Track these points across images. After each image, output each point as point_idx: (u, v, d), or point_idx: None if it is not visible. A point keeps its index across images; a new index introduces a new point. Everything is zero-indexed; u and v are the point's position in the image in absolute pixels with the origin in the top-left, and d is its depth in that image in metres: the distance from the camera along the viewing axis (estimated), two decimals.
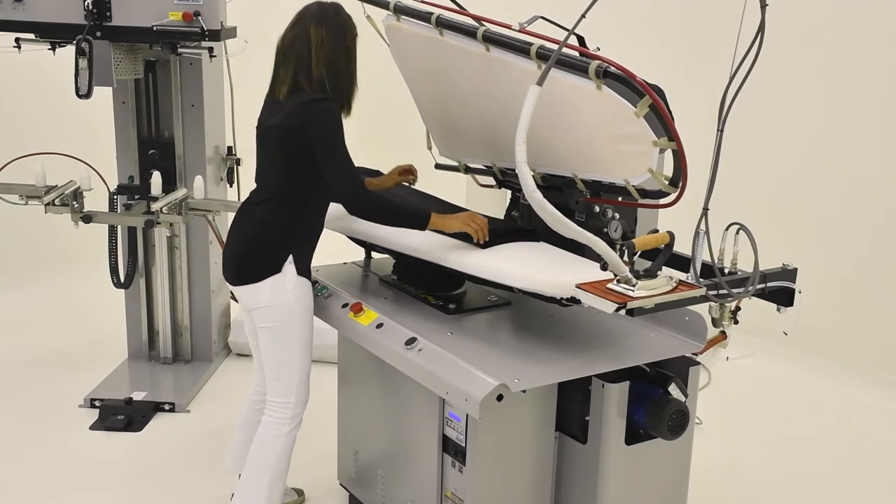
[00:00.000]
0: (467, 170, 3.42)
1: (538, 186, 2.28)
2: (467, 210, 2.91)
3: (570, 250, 2.75)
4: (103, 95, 4.08)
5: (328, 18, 2.76)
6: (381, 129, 6.43)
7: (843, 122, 4.72)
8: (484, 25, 2.79)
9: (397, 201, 2.85)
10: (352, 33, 2.79)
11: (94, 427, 3.97)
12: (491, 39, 2.73)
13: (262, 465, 2.91)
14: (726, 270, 2.53)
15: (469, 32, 2.80)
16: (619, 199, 2.77)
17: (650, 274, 2.30)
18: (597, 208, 2.83)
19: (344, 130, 2.73)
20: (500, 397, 2.34)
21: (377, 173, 3.22)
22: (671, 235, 2.46)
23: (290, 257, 2.79)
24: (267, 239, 2.81)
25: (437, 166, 3.52)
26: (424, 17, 2.93)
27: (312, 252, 2.89)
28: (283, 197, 2.81)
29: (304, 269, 2.83)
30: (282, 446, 2.91)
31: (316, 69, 2.73)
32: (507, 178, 3.24)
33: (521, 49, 2.62)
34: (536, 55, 2.57)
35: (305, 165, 2.74)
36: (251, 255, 2.83)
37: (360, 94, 2.86)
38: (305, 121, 2.69)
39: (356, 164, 2.77)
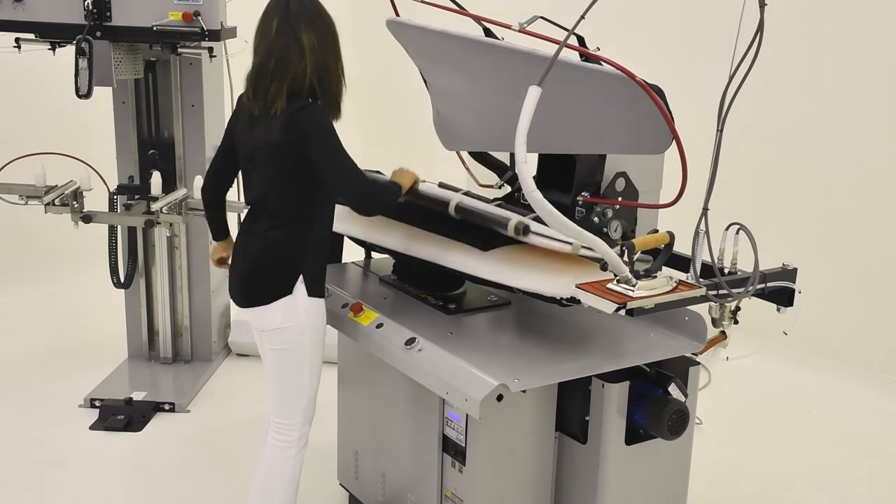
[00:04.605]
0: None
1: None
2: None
3: None
4: (103, 95, 4.08)
5: (314, 19, 2.62)
6: (381, 124, 6.43)
7: (844, 122, 4.72)
8: (484, 25, 2.78)
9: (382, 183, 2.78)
10: (335, 30, 2.66)
11: (94, 427, 3.97)
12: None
13: (272, 489, 2.82)
14: (726, 270, 2.53)
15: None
16: (619, 199, 2.77)
17: (650, 274, 2.30)
18: (597, 208, 2.83)
19: (337, 133, 2.60)
20: (500, 397, 2.34)
21: (379, 174, 3.20)
22: (671, 235, 2.46)
23: (301, 277, 2.67)
24: (275, 260, 2.68)
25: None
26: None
27: (324, 268, 2.76)
28: (287, 216, 2.67)
29: (315, 289, 2.71)
30: (290, 469, 2.81)
31: (310, 76, 2.61)
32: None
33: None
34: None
35: (304, 181, 2.62)
36: (259, 277, 2.70)
37: (360, 87, 2.77)
38: (296, 131, 2.57)
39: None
